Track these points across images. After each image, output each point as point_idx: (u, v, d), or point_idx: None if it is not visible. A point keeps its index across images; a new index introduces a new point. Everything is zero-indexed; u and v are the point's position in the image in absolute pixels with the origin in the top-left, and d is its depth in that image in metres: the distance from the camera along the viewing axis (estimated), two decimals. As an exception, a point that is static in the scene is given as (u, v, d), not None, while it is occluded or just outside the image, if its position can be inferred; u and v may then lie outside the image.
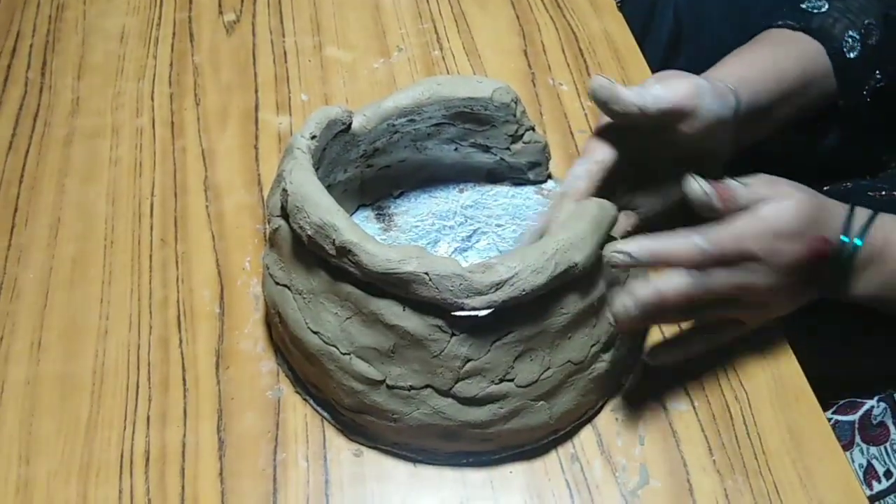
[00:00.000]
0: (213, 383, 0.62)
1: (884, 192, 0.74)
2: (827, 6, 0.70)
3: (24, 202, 0.73)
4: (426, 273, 0.50)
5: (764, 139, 0.69)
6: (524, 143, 0.67)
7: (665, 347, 0.62)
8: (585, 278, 0.54)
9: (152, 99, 0.81)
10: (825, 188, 0.76)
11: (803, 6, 0.71)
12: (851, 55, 0.68)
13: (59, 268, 0.69)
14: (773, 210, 0.55)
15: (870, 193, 0.74)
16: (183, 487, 0.57)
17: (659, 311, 0.55)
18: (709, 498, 0.57)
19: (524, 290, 0.51)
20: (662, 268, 0.56)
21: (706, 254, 0.54)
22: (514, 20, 0.88)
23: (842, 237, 0.56)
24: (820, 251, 0.56)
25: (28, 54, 0.85)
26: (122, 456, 0.59)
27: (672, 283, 0.55)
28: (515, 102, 0.64)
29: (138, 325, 0.65)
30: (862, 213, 0.58)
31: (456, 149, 0.68)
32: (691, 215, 0.57)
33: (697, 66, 0.72)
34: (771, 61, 0.67)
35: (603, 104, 0.59)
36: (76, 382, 0.62)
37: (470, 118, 0.65)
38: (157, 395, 0.61)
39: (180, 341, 0.64)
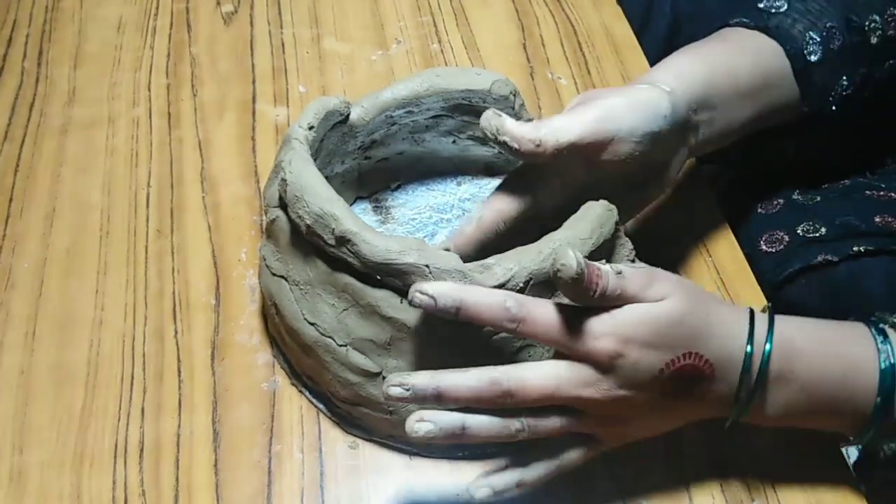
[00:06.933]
0: (208, 374, 0.62)
1: (882, 192, 0.73)
2: (786, 6, 0.66)
3: (20, 192, 0.73)
4: (426, 265, 0.50)
5: (731, 145, 0.64)
6: (523, 136, 0.66)
7: (493, 473, 0.52)
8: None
9: (149, 89, 0.81)
10: (824, 186, 0.76)
11: (761, 5, 0.67)
12: (813, 58, 0.64)
13: (54, 258, 0.68)
14: (635, 313, 0.48)
15: (867, 192, 0.73)
16: (177, 478, 0.57)
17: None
18: (705, 494, 0.57)
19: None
20: (469, 320, 0.48)
21: (510, 315, 0.47)
22: (514, 13, 0.88)
23: (747, 347, 0.50)
24: (692, 369, 0.49)
25: (24, 43, 0.85)
26: (116, 446, 0.58)
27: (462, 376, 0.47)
28: (514, 95, 0.64)
29: (133, 316, 0.65)
30: (761, 320, 0.51)
31: (454, 141, 0.68)
32: None
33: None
34: (723, 57, 0.63)
35: (491, 138, 0.53)
36: (70, 372, 0.62)
37: (468, 110, 0.65)
38: (152, 386, 0.61)
39: (175, 332, 0.64)
